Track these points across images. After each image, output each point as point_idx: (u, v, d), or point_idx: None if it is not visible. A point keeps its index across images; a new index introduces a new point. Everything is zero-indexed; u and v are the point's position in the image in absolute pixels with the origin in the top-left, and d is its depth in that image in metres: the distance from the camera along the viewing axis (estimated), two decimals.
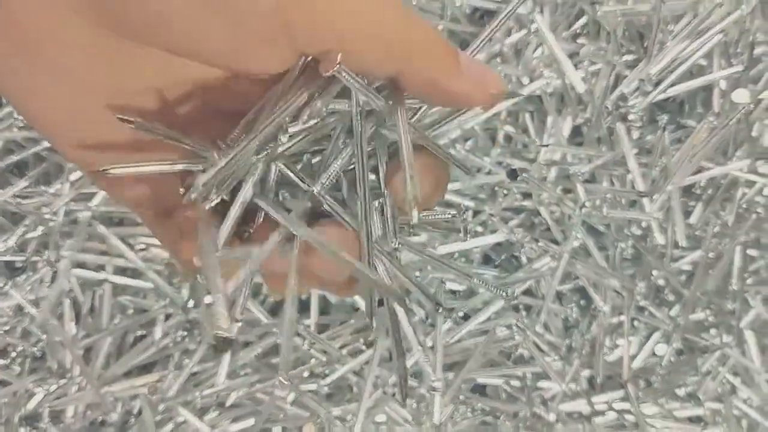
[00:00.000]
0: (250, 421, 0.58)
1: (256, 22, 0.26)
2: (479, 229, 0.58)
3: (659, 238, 0.58)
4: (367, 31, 0.27)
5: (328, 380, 0.57)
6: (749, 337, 0.61)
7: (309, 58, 0.29)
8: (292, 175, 0.32)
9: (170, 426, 0.58)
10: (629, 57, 0.61)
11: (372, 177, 0.33)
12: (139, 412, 0.60)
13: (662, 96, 0.58)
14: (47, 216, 0.58)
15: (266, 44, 0.27)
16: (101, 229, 0.59)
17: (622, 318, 0.59)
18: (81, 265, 0.61)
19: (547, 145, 0.57)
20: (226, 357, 0.57)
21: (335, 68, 0.28)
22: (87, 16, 0.27)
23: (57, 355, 0.59)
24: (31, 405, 0.60)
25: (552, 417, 0.59)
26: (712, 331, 0.62)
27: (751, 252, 0.63)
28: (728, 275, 0.61)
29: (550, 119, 0.59)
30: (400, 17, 0.28)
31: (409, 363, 0.56)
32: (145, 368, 0.60)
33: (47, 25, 0.27)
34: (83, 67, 0.29)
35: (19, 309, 0.60)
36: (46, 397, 0.60)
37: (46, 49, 0.28)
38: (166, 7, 0.26)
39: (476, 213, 0.58)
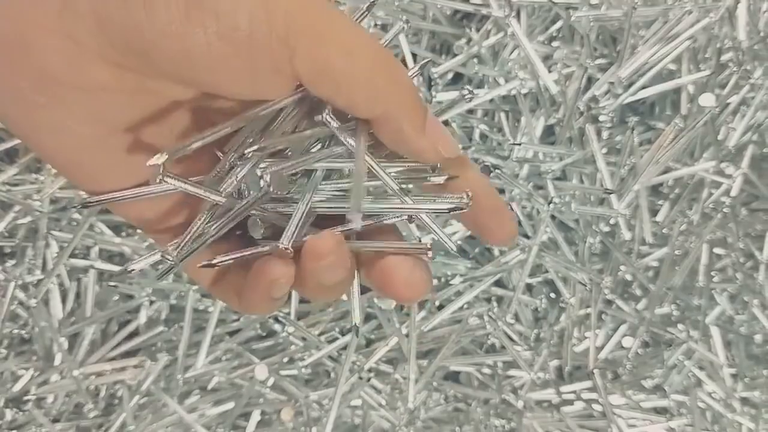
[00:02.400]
0: (230, 405, 0.60)
1: (269, 53, 0.28)
2: (454, 221, 0.60)
3: (626, 235, 0.60)
4: (362, 74, 0.30)
5: (306, 362, 0.59)
6: (714, 332, 0.64)
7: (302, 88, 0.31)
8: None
9: (151, 410, 0.60)
10: (602, 60, 0.63)
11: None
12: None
13: (632, 98, 0.60)
14: (36, 203, 0.60)
15: (277, 74, 0.29)
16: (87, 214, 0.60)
17: (590, 310, 0.61)
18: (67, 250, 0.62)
19: (520, 144, 0.59)
20: (206, 341, 0.58)
21: (324, 115, 0.31)
22: (112, 59, 0.28)
23: (43, 340, 0.61)
24: (17, 387, 0.61)
25: (521, 404, 0.61)
26: (680, 326, 0.65)
27: (718, 250, 0.65)
28: (695, 272, 0.63)
29: (523, 119, 0.61)
30: (392, 68, 0.31)
31: (384, 349, 0.58)
32: (129, 353, 0.62)
33: (73, 69, 0.29)
34: (107, 107, 0.30)
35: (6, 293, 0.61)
36: (31, 380, 0.61)
37: (71, 91, 0.29)
38: (191, 46, 0.28)
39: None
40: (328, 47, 0.29)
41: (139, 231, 0.60)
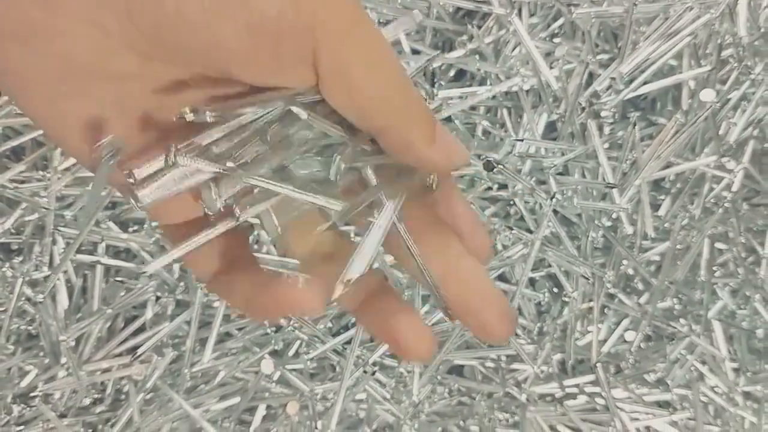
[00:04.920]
0: (236, 399, 0.60)
1: (294, 42, 0.28)
2: None
3: (628, 229, 0.61)
4: (377, 83, 0.30)
5: (311, 356, 0.59)
6: (716, 326, 0.64)
7: None
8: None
9: (157, 405, 0.60)
10: (604, 56, 0.64)
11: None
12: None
13: (634, 94, 0.60)
14: (43, 200, 0.60)
15: (301, 63, 0.29)
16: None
17: (593, 304, 0.61)
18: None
19: (522, 140, 0.59)
20: (213, 336, 0.59)
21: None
22: (139, 48, 0.29)
23: (49, 336, 0.61)
24: (24, 383, 0.62)
25: (524, 398, 0.61)
26: (682, 320, 0.65)
27: (719, 245, 0.65)
28: (696, 266, 0.64)
29: (526, 115, 0.61)
30: (406, 82, 0.31)
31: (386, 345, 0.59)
32: (136, 348, 0.63)
33: (100, 57, 0.29)
34: (130, 96, 0.30)
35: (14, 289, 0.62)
36: (38, 376, 0.62)
37: (96, 79, 0.29)
38: (220, 36, 0.28)
39: None
40: (350, 50, 0.29)
41: (145, 227, 0.61)
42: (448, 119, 0.62)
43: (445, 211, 0.37)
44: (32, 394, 0.61)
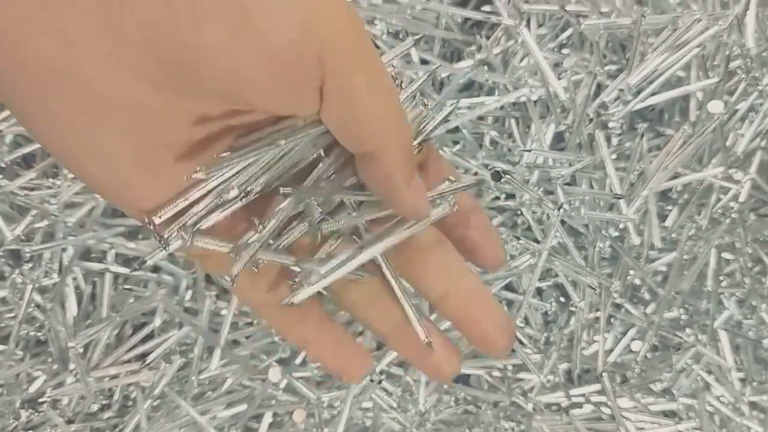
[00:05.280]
0: (243, 407, 0.61)
1: (307, 70, 0.29)
2: None
3: (635, 239, 0.61)
4: (378, 106, 0.31)
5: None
6: (722, 336, 0.64)
7: None
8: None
9: (165, 411, 0.60)
10: (612, 67, 0.64)
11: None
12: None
13: (642, 105, 0.61)
14: (53, 207, 0.61)
15: (312, 90, 0.30)
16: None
17: (599, 314, 0.61)
18: (84, 254, 0.63)
19: (530, 150, 0.59)
20: (220, 343, 0.59)
21: None
22: (157, 78, 0.29)
23: (58, 342, 0.62)
24: (33, 389, 0.62)
25: (530, 407, 0.61)
26: (688, 330, 0.65)
27: (726, 255, 0.66)
28: (703, 277, 0.64)
29: (534, 125, 0.62)
30: (403, 114, 0.33)
31: (396, 352, 0.59)
32: (144, 355, 0.63)
33: (119, 89, 0.29)
34: (149, 126, 0.31)
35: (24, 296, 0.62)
36: (46, 382, 0.62)
37: (115, 112, 0.30)
38: (236, 65, 0.28)
39: None
40: (355, 73, 0.30)
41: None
42: (456, 129, 0.62)
43: (458, 219, 0.39)
44: (41, 400, 0.61)
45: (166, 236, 0.34)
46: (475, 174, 0.61)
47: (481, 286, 0.39)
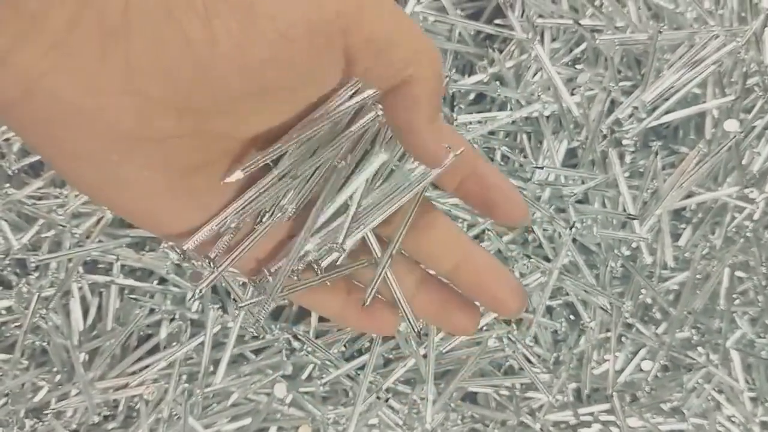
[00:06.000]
0: (247, 420, 0.60)
1: (323, 34, 0.30)
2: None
3: (648, 259, 0.60)
4: (404, 36, 0.32)
5: (324, 381, 0.59)
6: (735, 356, 0.63)
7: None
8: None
9: (168, 424, 0.60)
10: (626, 83, 0.63)
11: None
12: None
13: (656, 122, 0.60)
14: (60, 217, 0.60)
15: (334, 53, 0.31)
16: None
17: (610, 334, 0.60)
18: (91, 265, 0.63)
19: (542, 167, 0.59)
20: (225, 357, 0.59)
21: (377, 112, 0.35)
22: (175, 105, 0.30)
23: (61, 354, 0.62)
24: (37, 398, 0.62)
25: (538, 426, 0.61)
26: (699, 349, 0.64)
27: (740, 273, 0.65)
28: (716, 296, 0.63)
29: (546, 141, 0.61)
30: (430, 42, 0.34)
31: (402, 370, 0.58)
32: (149, 367, 0.63)
33: (142, 122, 0.30)
34: (172, 153, 0.32)
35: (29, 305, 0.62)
36: (49, 392, 0.62)
37: (140, 144, 0.30)
38: (252, 52, 0.29)
39: (470, 227, 0.60)
40: (376, 21, 0.31)
41: (163, 246, 0.61)
42: None
43: (476, 184, 0.40)
44: (45, 411, 0.61)
45: (211, 258, 0.36)
46: None
47: (488, 255, 0.42)
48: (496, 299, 0.41)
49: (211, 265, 0.35)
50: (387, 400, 0.58)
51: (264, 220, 0.37)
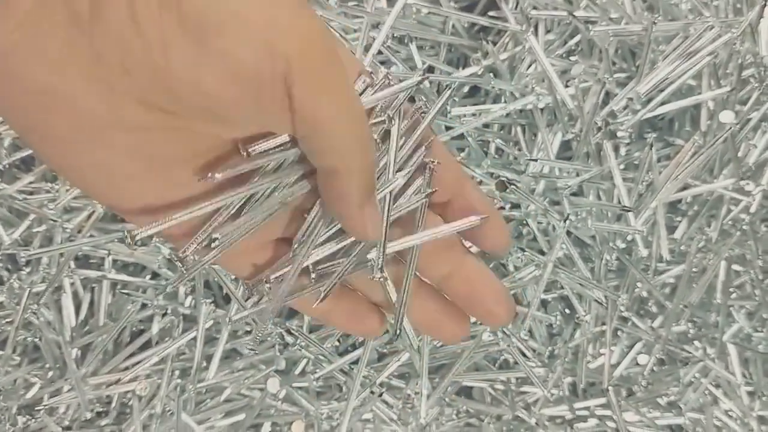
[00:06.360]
0: (241, 416, 0.60)
1: (272, 90, 0.30)
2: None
3: (643, 251, 0.59)
4: (343, 126, 0.32)
5: (318, 375, 0.58)
6: (731, 350, 0.63)
7: None
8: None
9: (161, 420, 0.60)
10: (621, 75, 0.63)
11: None
12: None
13: (651, 114, 0.59)
14: (51, 212, 0.60)
15: (282, 110, 0.31)
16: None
17: (605, 327, 0.60)
18: (83, 260, 0.63)
19: (536, 159, 0.58)
20: (218, 352, 0.58)
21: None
22: (144, 99, 0.30)
23: (53, 350, 0.61)
24: (29, 395, 0.62)
25: (533, 421, 0.60)
26: (696, 343, 0.64)
27: (736, 267, 0.64)
28: (712, 289, 0.62)
29: (540, 134, 0.60)
30: (369, 135, 0.34)
31: (396, 364, 0.58)
32: (141, 362, 0.62)
33: (111, 110, 0.30)
34: (144, 143, 0.32)
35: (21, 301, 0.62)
36: (42, 388, 0.61)
37: (109, 130, 0.31)
38: (204, 86, 0.29)
39: None
40: (321, 94, 0.30)
41: (155, 241, 0.60)
42: (461, 137, 0.61)
43: (461, 206, 0.40)
44: (38, 407, 0.61)
45: (181, 257, 0.35)
46: (480, 183, 0.60)
47: (482, 266, 0.42)
48: (487, 311, 0.41)
49: (181, 264, 0.35)
50: (381, 395, 0.58)
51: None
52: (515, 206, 0.61)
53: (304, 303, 0.41)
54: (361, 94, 0.37)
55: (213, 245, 0.35)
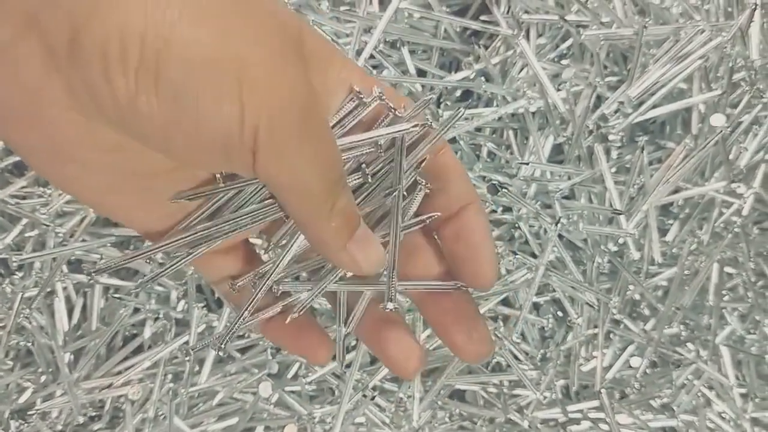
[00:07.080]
0: (234, 420, 0.60)
1: (239, 152, 0.30)
2: None
3: (635, 254, 0.60)
4: (307, 197, 0.32)
5: (310, 379, 0.59)
6: (724, 352, 0.63)
7: None
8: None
9: (154, 424, 0.60)
10: (612, 79, 0.63)
11: None
12: None
13: (642, 117, 0.60)
14: (43, 216, 0.60)
15: (247, 167, 0.31)
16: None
17: (597, 330, 0.60)
18: (75, 264, 0.62)
19: (528, 163, 0.58)
20: (210, 356, 0.58)
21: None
22: (111, 125, 0.30)
23: (46, 355, 0.61)
24: (22, 399, 0.62)
25: (526, 424, 0.60)
26: (689, 345, 0.64)
27: (729, 269, 0.64)
28: (705, 291, 0.63)
29: (532, 137, 0.61)
30: (333, 185, 0.33)
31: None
32: (134, 366, 0.62)
33: (84, 134, 0.31)
34: (119, 160, 0.32)
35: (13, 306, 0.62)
36: (34, 393, 0.61)
37: (83, 150, 0.32)
38: (171, 147, 0.30)
39: None
40: (282, 164, 0.31)
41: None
42: (453, 140, 0.61)
43: (467, 237, 0.38)
44: (30, 412, 0.61)
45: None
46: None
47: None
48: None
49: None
50: (373, 398, 0.58)
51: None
52: (507, 209, 0.61)
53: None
54: (350, 113, 0.36)
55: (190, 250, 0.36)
